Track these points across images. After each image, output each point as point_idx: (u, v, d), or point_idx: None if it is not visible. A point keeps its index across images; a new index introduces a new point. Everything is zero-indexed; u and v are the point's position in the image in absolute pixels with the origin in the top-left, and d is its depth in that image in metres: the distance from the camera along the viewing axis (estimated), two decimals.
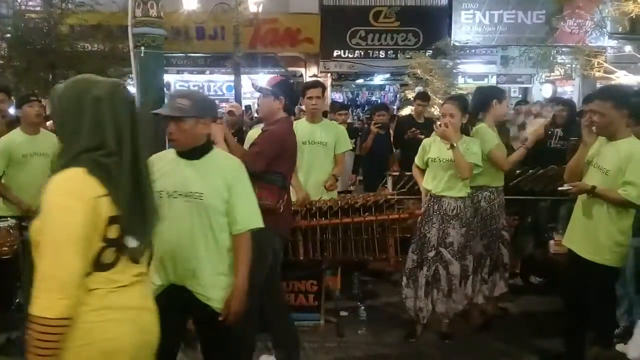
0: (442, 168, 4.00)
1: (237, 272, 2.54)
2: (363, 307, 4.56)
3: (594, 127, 3.36)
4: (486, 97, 4.25)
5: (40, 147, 4.40)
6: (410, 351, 4.03)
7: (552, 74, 12.89)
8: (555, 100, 7.44)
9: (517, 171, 4.87)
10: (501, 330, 4.32)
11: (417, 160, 4.29)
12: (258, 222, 2.61)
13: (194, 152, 2.55)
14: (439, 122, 4.06)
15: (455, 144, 3.81)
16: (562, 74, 12.00)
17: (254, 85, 3.63)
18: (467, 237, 4.03)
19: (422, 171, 4.26)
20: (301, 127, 4.41)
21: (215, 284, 2.54)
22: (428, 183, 4.12)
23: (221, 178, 2.52)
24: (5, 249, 3.85)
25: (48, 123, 5.33)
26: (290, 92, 3.51)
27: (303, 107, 5.14)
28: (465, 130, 4.03)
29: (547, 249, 4.87)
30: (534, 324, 4.44)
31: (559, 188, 3.50)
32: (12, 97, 5.28)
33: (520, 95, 15.45)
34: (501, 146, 4.16)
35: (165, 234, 2.42)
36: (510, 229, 4.53)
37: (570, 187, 3.38)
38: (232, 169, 2.59)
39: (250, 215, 2.59)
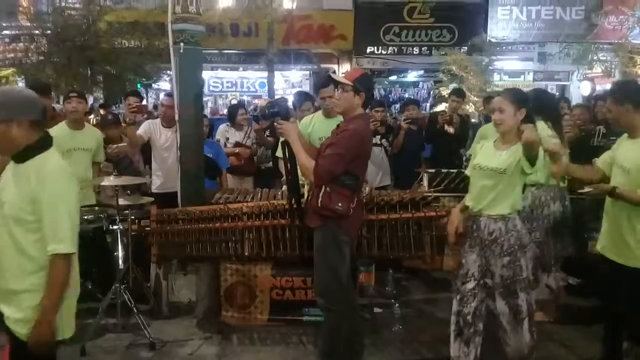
0: (482, 177, 3.29)
1: (41, 302, 2.24)
2: (397, 304, 4.54)
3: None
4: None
5: (84, 142, 4.52)
6: (445, 349, 3.98)
7: (591, 71, 12.59)
8: (597, 96, 7.26)
9: None
10: (540, 333, 4.23)
11: (469, 170, 3.53)
12: (63, 247, 2.20)
13: (17, 156, 2.29)
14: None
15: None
16: (602, 71, 11.70)
17: (332, 80, 3.42)
18: (515, 270, 3.23)
19: None
20: (319, 121, 4.43)
21: (12, 301, 2.28)
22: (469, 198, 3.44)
23: (27, 186, 2.22)
24: None
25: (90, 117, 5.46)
26: (371, 88, 3.36)
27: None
28: None
29: (586, 249, 4.77)
30: (572, 325, 4.34)
31: (579, 191, 3.46)
32: (52, 94, 5.40)
33: (557, 93, 15.14)
34: None
35: None
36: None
37: (590, 189, 3.30)
38: (38, 176, 2.21)
39: (54, 237, 2.20)
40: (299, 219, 3.54)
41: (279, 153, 4.38)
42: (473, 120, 9.21)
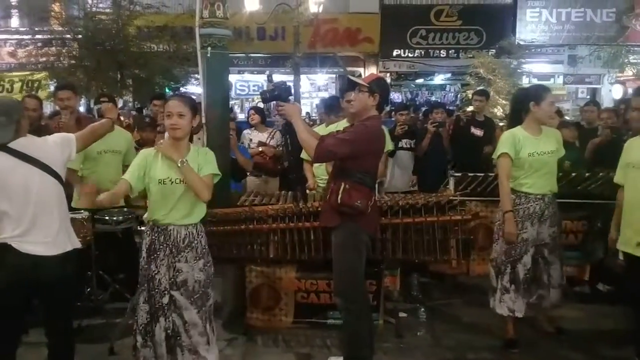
0: None
1: None
2: (423, 309, 4.51)
3: None
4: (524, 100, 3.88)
5: (114, 144, 4.58)
6: (470, 354, 3.95)
7: (623, 74, 12.37)
8: (624, 101, 7.13)
9: (587, 174, 4.70)
10: (568, 340, 4.16)
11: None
12: None
13: None
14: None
15: None
16: (634, 73, 11.49)
17: (350, 80, 3.58)
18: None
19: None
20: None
21: None
22: None
23: None
24: (79, 239, 4.02)
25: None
26: (386, 91, 3.48)
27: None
28: None
29: (617, 255, 4.67)
30: (601, 333, 4.26)
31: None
32: (80, 95, 5.48)
33: (588, 96, 14.88)
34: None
35: None
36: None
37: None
38: None
39: None
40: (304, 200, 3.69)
41: (305, 154, 4.40)
42: (501, 123, 9.09)
